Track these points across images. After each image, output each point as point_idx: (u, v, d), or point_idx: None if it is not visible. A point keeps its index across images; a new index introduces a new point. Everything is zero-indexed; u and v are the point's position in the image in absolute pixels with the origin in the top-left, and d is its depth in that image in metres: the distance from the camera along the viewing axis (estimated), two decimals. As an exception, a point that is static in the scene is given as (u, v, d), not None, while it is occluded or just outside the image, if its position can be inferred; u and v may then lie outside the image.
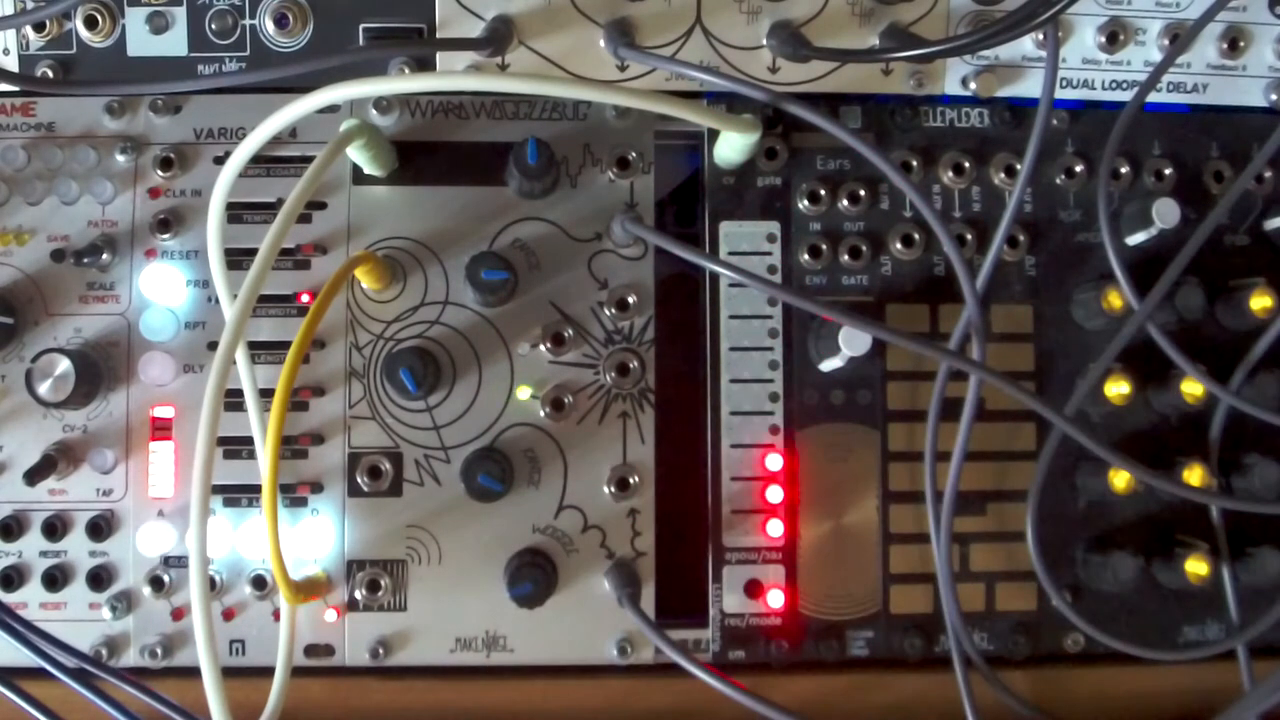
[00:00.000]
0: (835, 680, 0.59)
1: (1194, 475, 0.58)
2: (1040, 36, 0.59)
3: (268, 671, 0.52)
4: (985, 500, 0.60)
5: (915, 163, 0.60)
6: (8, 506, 0.57)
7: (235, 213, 0.57)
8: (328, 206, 0.58)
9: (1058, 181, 0.61)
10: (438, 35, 0.58)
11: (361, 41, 0.58)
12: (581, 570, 0.58)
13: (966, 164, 0.60)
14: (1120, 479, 0.59)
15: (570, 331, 0.59)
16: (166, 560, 0.57)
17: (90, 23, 0.57)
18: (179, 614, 0.57)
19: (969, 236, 0.60)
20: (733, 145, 0.57)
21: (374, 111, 0.59)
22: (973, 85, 0.60)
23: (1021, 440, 0.61)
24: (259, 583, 0.57)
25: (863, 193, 0.60)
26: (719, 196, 0.60)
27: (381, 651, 0.58)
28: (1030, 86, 0.61)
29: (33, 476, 0.55)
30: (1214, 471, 0.60)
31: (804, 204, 0.60)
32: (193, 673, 0.46)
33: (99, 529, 0.57)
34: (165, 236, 0.58)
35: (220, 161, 0.57)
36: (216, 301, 0.55)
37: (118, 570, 0.57)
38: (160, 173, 0.58)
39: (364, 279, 0.57)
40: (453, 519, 0.58)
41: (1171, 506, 0.61)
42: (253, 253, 0.46)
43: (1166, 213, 0.57)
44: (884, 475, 0.60)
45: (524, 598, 0.55)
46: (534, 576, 0.55)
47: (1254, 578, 0.59)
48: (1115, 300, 0.58)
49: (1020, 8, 0.53)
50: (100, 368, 0.57)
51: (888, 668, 0.60)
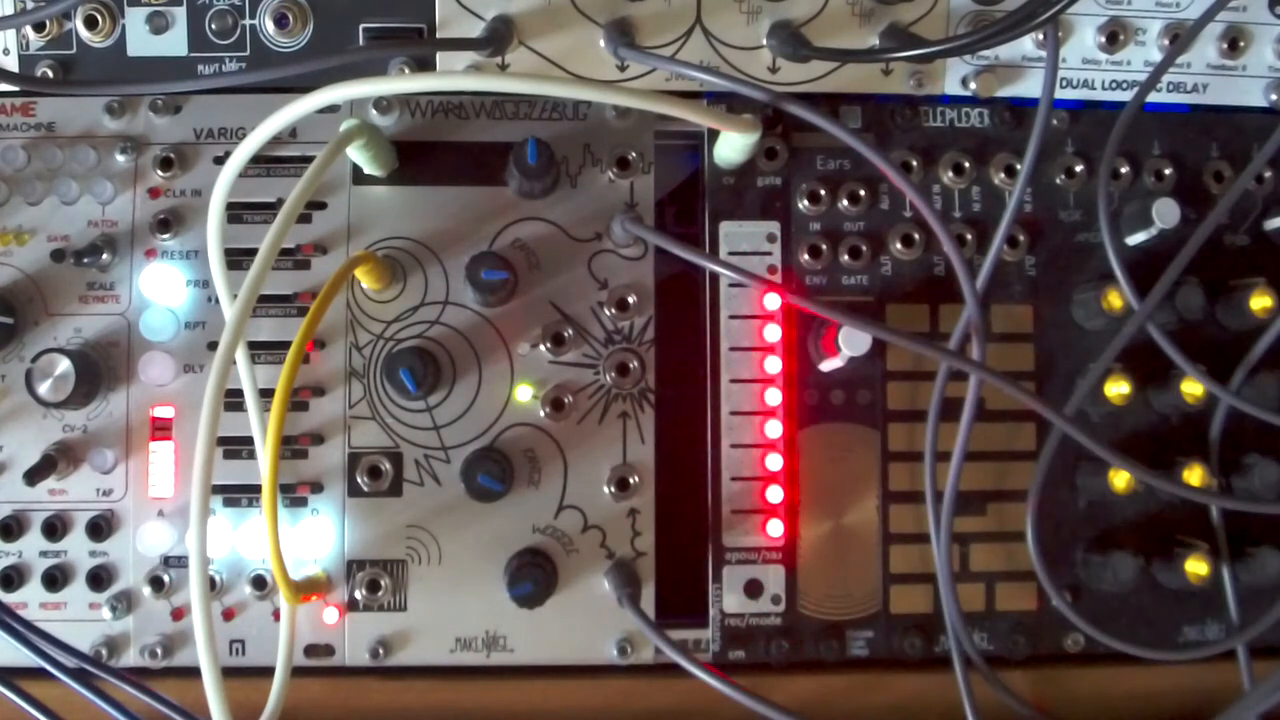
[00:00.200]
0: (835, 680, 0.59)
1: (1194, 475, 0.58)
2: (1040, 36, 0.59)
3: (268, 671, 0.52)
4: (985, 500, 0.60)
5: (915, 163, 0.60)
6: (8, 506, 0.57)
7: (235, 213, 0.57)
8: (328, 206, 0.58)
9: (1058, 181, 0.61)
10: (438, 35, 0.58)
11: (361, 41, 0.58)
12: (581, 570, 0.58)
13: (966, 164, 0.60)
14: (1120, 479, 0.59)
15: (570, 331, 0.59)
16: (166, 560, 0.57)
17: (90, 23, 0.57)
18: (179, 614, 0.57)
19: (969, 236, 0.60)
20: (733, 145, 0.57)
21: (374, 111, 0.59)
22: (973, 85, 0.60)
23: (1021, 440, 0.61)
24: (259, 583, 0.57)
25: (863, 193, 0.60)
26: (719, 196, 0.60)
27: (381, 651, 0.58)
28: (1030, 86, 0.61)
29: (33, 476, 0.55)
30: (1214, 471, 0.60)
31: (804, 204, 0.60)
32: (193, 673, 0.46)
33: (99, 529, 0.57)
34: (165, 236, 0.58)
35: (220, 161, 0.57)
36: (216, 301, 0.55)
37: (118, 570, 0.57)
38: (160, 173, 0.58)
39: (364, 279, 0.57)
40: (453, 519, 0.58)
41: (1171, 506, 0.61)
42: (253, 253, 0.46)
43: (1166, 213, 0.57)
44: (884, 475, 0.60)
45: (524, 598, 0.55)
46: (534, 576, 0.55)
47: (1254, 578, 0.59)
48: (1115, 300, 0.58)
49: (1020, 8, 0.53)
50: (100, 368, 0.57)
51: (888, 668, 0.60)
